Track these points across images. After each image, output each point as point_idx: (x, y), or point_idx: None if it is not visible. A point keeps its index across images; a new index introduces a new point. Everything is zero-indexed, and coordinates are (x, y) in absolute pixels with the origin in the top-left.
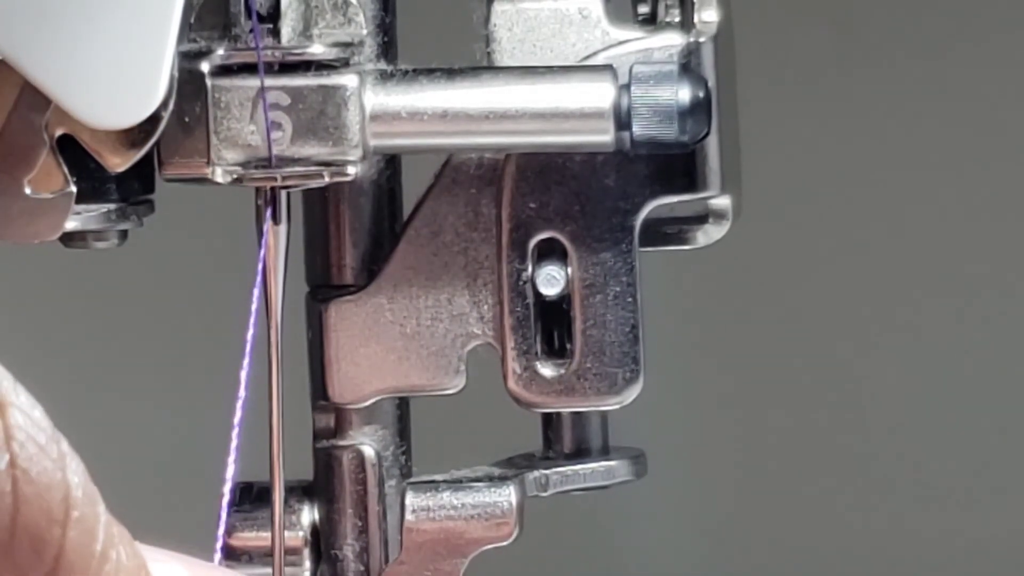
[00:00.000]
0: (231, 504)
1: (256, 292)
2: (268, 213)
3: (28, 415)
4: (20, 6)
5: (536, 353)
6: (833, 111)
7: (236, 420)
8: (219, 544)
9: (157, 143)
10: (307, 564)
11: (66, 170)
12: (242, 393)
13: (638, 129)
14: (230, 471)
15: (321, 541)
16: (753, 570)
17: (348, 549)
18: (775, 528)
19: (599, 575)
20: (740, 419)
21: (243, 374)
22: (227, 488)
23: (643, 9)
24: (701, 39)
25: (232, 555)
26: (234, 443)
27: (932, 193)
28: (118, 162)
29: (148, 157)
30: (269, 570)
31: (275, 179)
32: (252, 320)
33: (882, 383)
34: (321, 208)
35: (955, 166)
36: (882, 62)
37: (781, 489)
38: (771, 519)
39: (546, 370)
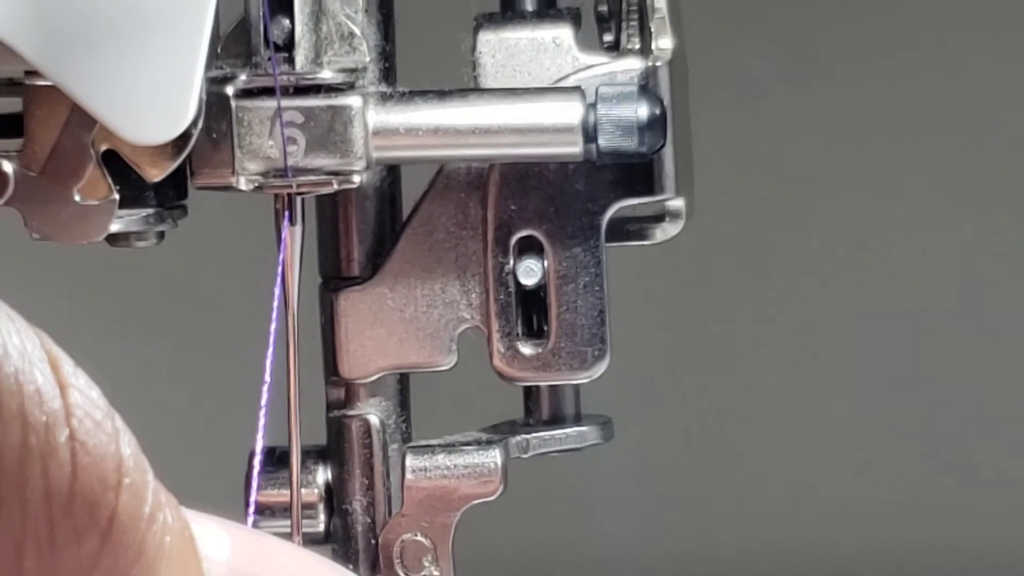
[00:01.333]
0: (253, 467)
1: (276, 284)
2: (286, 216)
3: (86, 395)
4: (70, 40)
5: (517, 335)
6: (776, 124)
7: (263, 394)
8: (252, 500)
9: (189, 156)
10: (321, 517)
11: (110, 180)
12: (267, 370)
13: (603, 142)
14: (259, 443)
15: (333, 497)
16: (702, 519)
17: (357, 504)
18: (721, 483)
19: (570, 527)
20: (693, 390)
21: (268, 354)
22: (257, 458)
23: (608, 38)
24: (657, 63)
25: (257, 510)
26: (262, 415)
27: (870, 188)
28: (155, 173)
29: (181, 168)
30: (289, 522)
31: (291, 187)
32: (274, 308)
33: (831, 357)
34: (331, 211)
35: (905, 164)
36: (818, 75)
37: (729, 450)
38: (718, 476)
39: (526, 349)
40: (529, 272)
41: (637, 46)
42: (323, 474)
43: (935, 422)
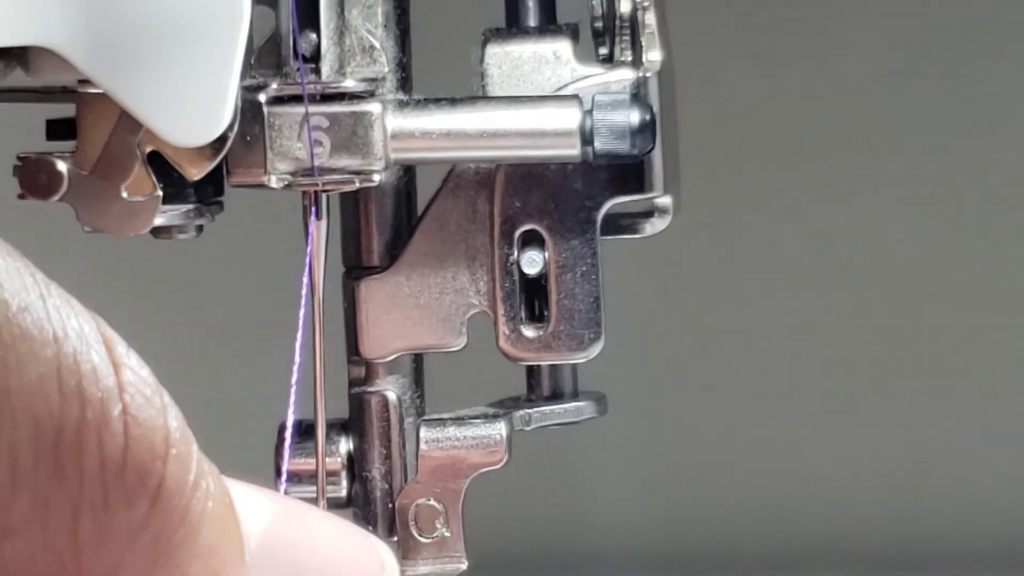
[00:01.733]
0: (285, 437)
1: (304, 273)
2: (312, 211)
3: (137, 373)
4: (119, 52)
5: (521, 319)
6: (756, 126)
7: (293, 372)
8: (284, 469)
9: (225, 157)
10: (344, 484)
11: (154, 178)
12: (297, 351)
13: (599, 144)
14: (290, 419)
15: (355, 466)
16: (694, 495)
17: (376, 472)
18: (712, 459)
19: (567, 497)
20: (683, 371)
21: (298, 336)
22: (288, 431)
23: (603, 51)
24: (648, 74)
25: (287, 477)
26: (293, 391)
27: (848, 183)
28: (195, 172)
29: (218, 168)
30: (315, 487)
31: (317, 185)
32: (304, 294)
33: (821, 341)
34: (353, 207)
35: (887, 160)
36: (797, 82)
37: (720, 430)
38: (709, 453)
39: (528, 332)
40: (532, 262)
41: (629, 58)
42: (345, 445)
43: (925, 406)
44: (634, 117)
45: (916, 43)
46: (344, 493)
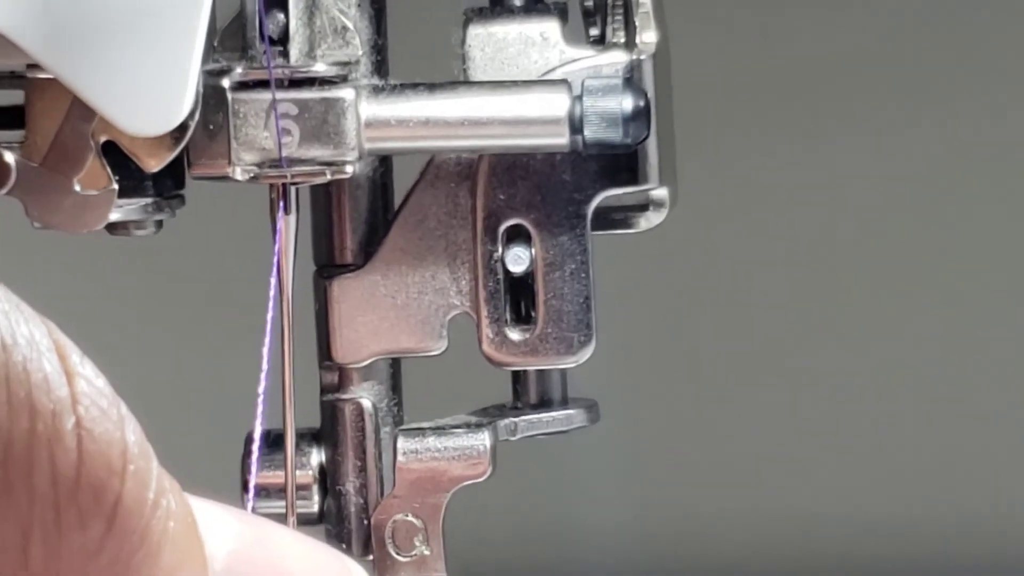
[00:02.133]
0: (252, 448)
1: (272, 271)
2: (280, 205)
3: (92, 383)
4: (71, 35)
5: (506, 321)
6: (759, 114)
7: (262, 378)
8: (252, 483)
9: (186, 147)
10: (316, 498)
11: (109, 171)
12: (265, 356)
13: (589, 133)
14: (258, 430)
15: (327, 479)
16: (686, 502)
17: (350, 485)
18: (707, 467)
19: (556, 508)
20: (678, 375)
21: (266, 339)
22: (256, 442)
23: (594, 32)
24: (642, 57)
25: (254, 492)
26: (260, 400)
27: (850, 179)
28: (153, 164)
29: (179, 159)
30: (284, 503)
31: (286, 177)
32: (271, 295)
33: (814, 341)
34: (325, 200)
35: (884, 157)
36: (802, 69)
37: (714, 435)
38: (703, 460)
39: (514, 335)
40: (517, 260)
41: (622, 40)
42: (317, 456)
43: (919, 412)
44: (627, 103)
45: (914, 30)
46: (316, 509)
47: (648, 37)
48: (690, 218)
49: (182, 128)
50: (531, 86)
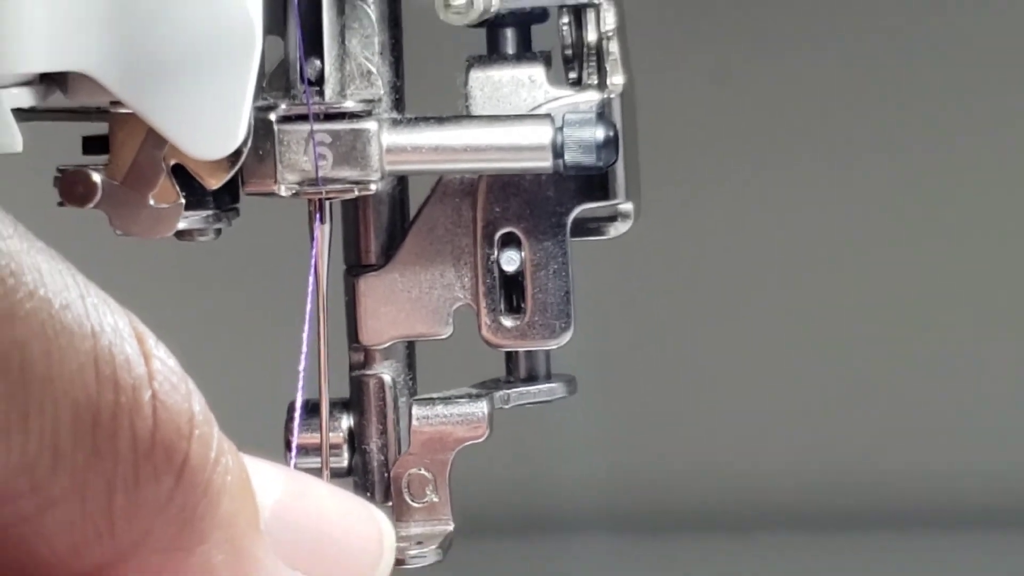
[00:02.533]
0: (293, 415)
1: (311, 270)
2: (317, 217)
3: (165, 363)
4: (146, 77)
5: (500, 310)
6: (706, 140)
7: (301, 358)
8: (294, 443)
9: (240, 169)
10: (345, 455)
11: (178, 188)
12: (305, 340)
13: (568, 157)
14: (299, 400)
15: (355, 440)
16: (653, 465)
17: (373, 445)
18: (659, 430)
19: (542, 465)
20: (641, 355)
21: (305, 326)
22: (297, 410)
23: (572, 75)
24: (611, 96)
25: (296, 450)
26: (301, 375)
27: (786, 183)
28: (213, 182)
29: (234, 178)
30: (319, 459)
31: (321, 193)
32: (310, 289)
33: (769, 322)
34: (353, 212)
35: (827, 164)
36: (746, 101)
37: (675, 404)
38: (657, 425)
39: (507, 322)
40: (510, 261)
41: (595, 82)
42: (347, 421)
43: (878, 387)
44: (599, 133)
45: (854, 62)
46: (345, 464)
47: (617, 80)
48: (652, 226)
49: (237, 153)
50: (521, 119)
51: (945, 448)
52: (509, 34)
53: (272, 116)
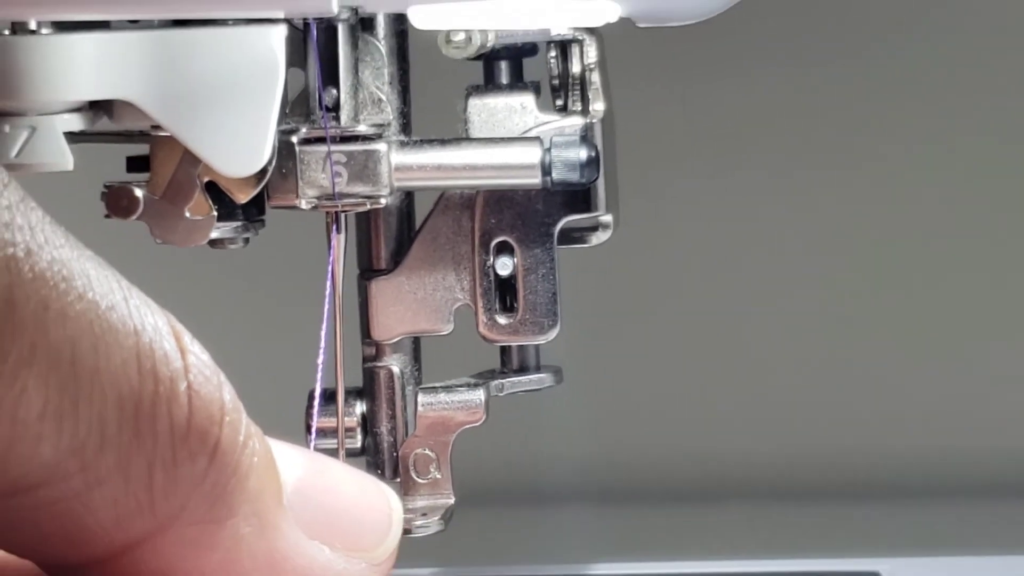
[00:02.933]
0: (313, 402)
1: (328, 274)
2: (334, 227)
3: (199, 357)
4: (183, 104)
5: (496, 309)
6: (676, 167)
7: (320, 351)
8: (313, 427)
9: (266, 185)
10: (359, 437)
11: (211, 202)
12: (323, 335)
13: (555, 175)
14: (318, 388)
15: (367, 423)
16: (621, 438)
17: (383, 428)
18: (637, 414)
19: (531, 444)
20: (618, 350)
21: (323, 323)
22: (317, 398)
23: (559, 102)
24: (593, 120)
25: (315, 433)
26: (320, 366)
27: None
28: (242, 197)
29: (261, 193)
30: (336, 440)
31: (337, 206)
32: (328, 291)
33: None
34: (365, 223)
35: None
36: (711, 128)
37: (642, 392)
38: (635, 410)
39: (501, 320)
40: (504, 266)
41: (579, 108)
42: (360, 407)
43: (849, 370)
44: (583, 154)
45: (805, 88)
46: (359, 445)
47: (598, 107)
48: (628, 235)
49: (263, 171)
50: (514, 142)
51: (909, 425)
52: (503, 66)
53: (294, 138)
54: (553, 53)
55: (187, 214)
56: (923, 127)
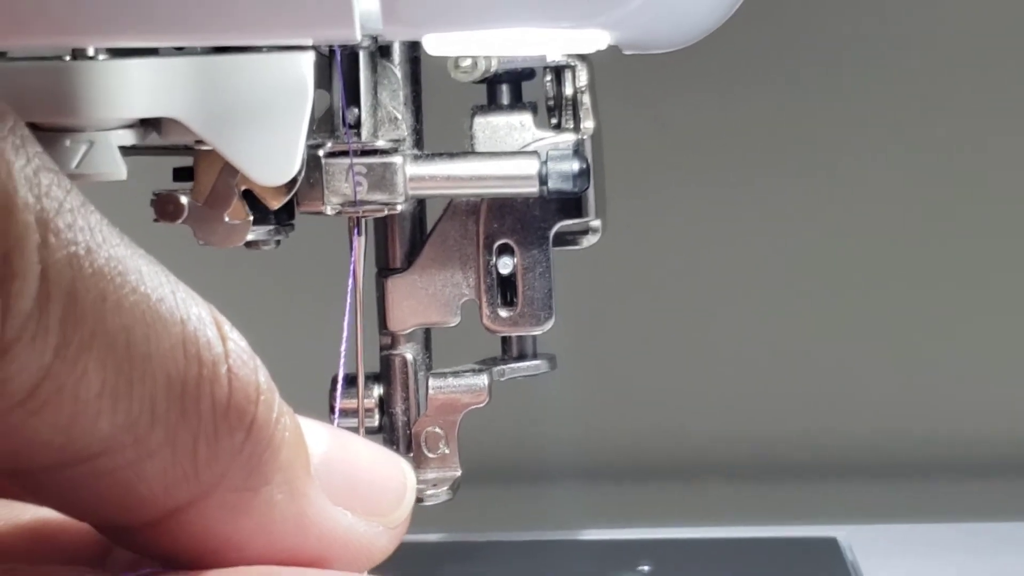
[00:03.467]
0: (336, 385)
1: (350, 272)
2: (355, 231)
3: (238, 344)
4: (223, 121)
5: (498, 304)
6: (654, 178)
7: (343, 340)
8: (337, 407)
9: (296, 193)
10: (376, 417)
11: (247, 208)
12: (345, 326)
13: (551, 185)
14: (340, 373)
15: (384, 404)
16: (610, 419)
17: (399, 408)
18: (623, 397)
19: (529, 424)
20: (606, 340)
21: (346, 315)
22: (340, 381)
23: (554, 121)
24: (584, 137)
25: (338, 413)
26: (342, 353)
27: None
28: (275, 203)
29: (291, 200)
30: (356, 420)
31: (359, 212)
32: (350, 287)
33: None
34: (383, 227)
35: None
36: (689, 146)
37: (627, 376)
38: (621, 393)
39: (503, 313)
40: (505, 265)
41: (571, 126)
42: (377, 390)
43: (825, 358)
44: (575, 166)
45: (772, 106)
46: (376, 423)
47: (588, 124)
48: (614, 238)
49: (293, 181)
50: (514, 155)
51: (862, 407)
52: (504, 89)
53: (320, 152)
54: (549, 77)
55: (226, 219)
56: (883, 142)
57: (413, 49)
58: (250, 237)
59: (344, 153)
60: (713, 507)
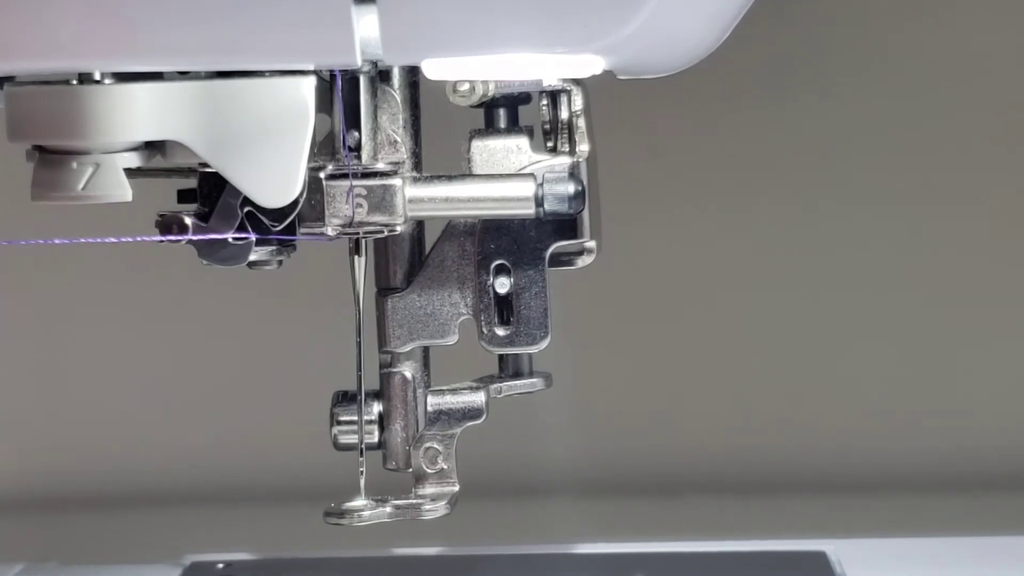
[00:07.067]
0: (339, 400)
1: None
2: (356, 251)
3: None
4: (226, 144)
5: (494, 322)
6: (644, 201)
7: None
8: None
9: (297, 214)
10: (376, 432)
11: (250, 228)
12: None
13: (547, 206)
14: (361, 390)
15: (384, 420)
16: (602, 435)
17: (398, 424)
18: (614, 413)
19: (524, 440)
20: (600, 358)
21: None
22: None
23: (549, 144)
24: (580, 160)
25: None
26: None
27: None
28: (277, 225)
29: (293, 221)
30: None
31: (359, 233)
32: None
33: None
34: (383, 248)
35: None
36: (676, 165)
37: (629, 397)
38: (612, 409)
39: (500, 331)
40: (502, 285)
41: (567, 149)
42: (378, 406)
43: (804, 364)
44: (571, 188)
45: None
46: (376, 439)
47: (583, 147)
48: (609, 259)
49: (295, 202)
50: (511, 178)
51: (853, 423)
52: (501, 112)
53: (321, 174)
54: (545, 101)
55: (230, 238)
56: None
57: (412, 74)
58: (253, 257)
59: (344, 175)
60: (705, 521)
